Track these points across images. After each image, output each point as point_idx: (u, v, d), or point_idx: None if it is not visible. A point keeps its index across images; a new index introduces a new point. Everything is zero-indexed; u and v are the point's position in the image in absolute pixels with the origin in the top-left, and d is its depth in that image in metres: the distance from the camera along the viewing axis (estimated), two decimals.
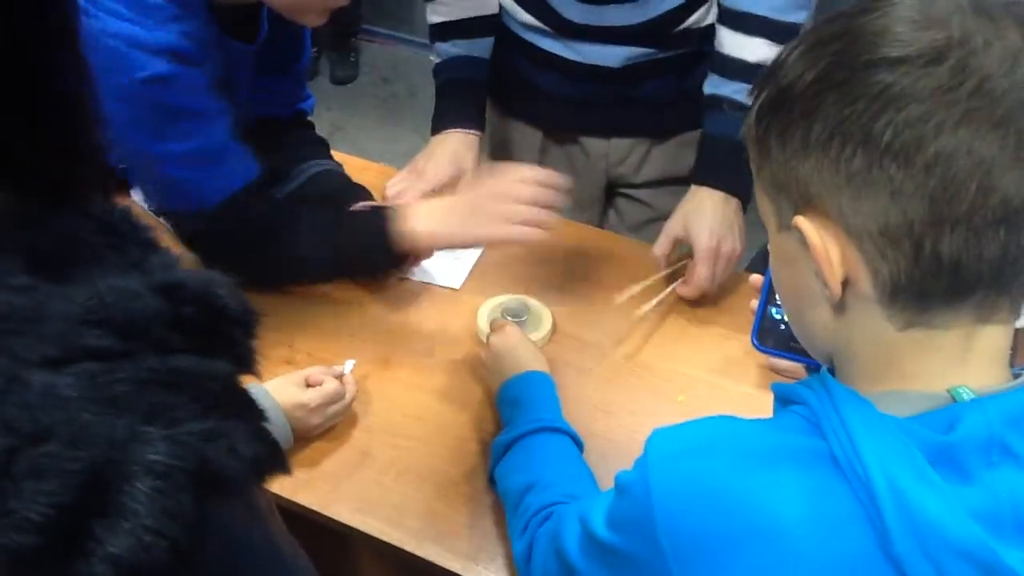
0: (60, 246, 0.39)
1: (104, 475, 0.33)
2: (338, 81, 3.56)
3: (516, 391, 1.05)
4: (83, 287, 0.37)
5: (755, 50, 1.23)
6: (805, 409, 0.59)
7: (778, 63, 0.58)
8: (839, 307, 0.57)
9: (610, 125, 1.44)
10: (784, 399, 0.63)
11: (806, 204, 0.56)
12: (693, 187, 1.27)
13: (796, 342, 0.73)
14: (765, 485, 0.55)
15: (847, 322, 0.58)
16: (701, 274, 1.24)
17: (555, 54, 1.36)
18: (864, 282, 0.55)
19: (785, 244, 0.60)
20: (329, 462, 1.08)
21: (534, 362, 1.08)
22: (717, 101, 1.27)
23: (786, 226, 0.58)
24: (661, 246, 1.27)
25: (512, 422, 1.01)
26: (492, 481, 1.01)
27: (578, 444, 1.00)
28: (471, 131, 1.35)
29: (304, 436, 1.07)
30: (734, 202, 1.25)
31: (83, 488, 0.32)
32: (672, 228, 1.26)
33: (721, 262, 1.24)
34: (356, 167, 1.48)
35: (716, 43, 1.26)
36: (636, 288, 1.22)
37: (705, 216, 1.23)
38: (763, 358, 1.19)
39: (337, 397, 1.08)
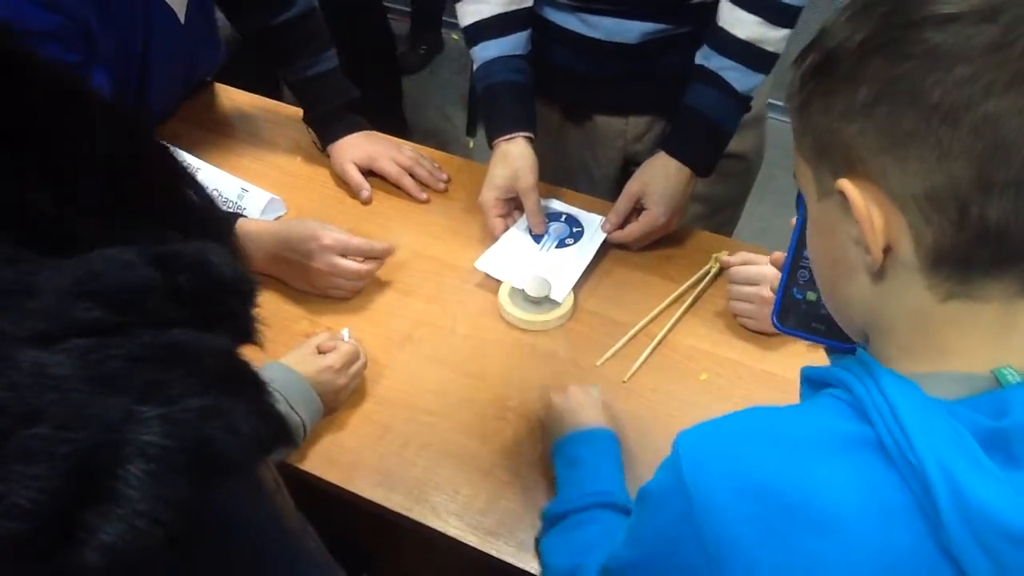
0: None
1: (96, 458, 0.31)
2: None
3: (574, 450, 0.98)
4: (74, 257, 0.36)
5: (746, 27, 1.22)
6: (844, 393, 0.56)
7: (823, 29, 0.56)
8: (878, 275, 0.56)
9: (627, 103, 1.43)
10: (817, 383, 0.60)
11: (849, 169, 0.54)
12: (659, 152, 1.30)
13: (818, 323, 0.71)
14: (813, 476, 0.53)
15: (886, 292, 0.56)
16: (633, 233, 1.30)
17: (572, 30, 1.34)
18: (906, 249, 0.53)
19: (824, 212, 0.58)
20: (350, 437, 1.08)
21: (594, 421, 1.01)
22: (703, 73, 1.27)
23: (826, 193, 0.57)
24: (622, 205, 1.31)
25: (566, 487, 0.95)
26: (536, 542, 0.96)
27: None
28: (528, 133, 1.33)
29: (333, 402, 1.08)
30: (688, 173, 1.29)
31: (74, 472, 0.31)
32: (632, 189, 1.30)
33: (657, 233, 1.31)
34: None
35: (716, 14, 1.25)
36: (613, 348, 1.19)
37: (664, 186, 1.28)
38: (784, 339, 1.18)
39: (355, 356, 1.09)
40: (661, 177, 1.28)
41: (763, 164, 1.56)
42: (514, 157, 1.31)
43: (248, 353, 0.42)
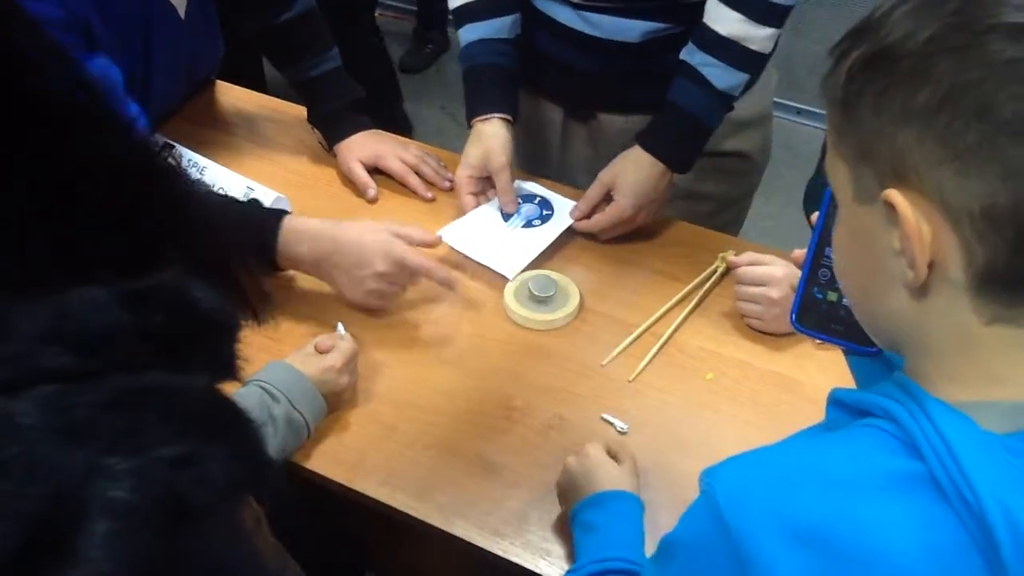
0: None
1: (59, 515, 0.30)
2: (405, 69, 3.52)
3: (589, 516, 0.92)
4: (44, 299, 0.34)
5: (727, 24, 1.22)
6: (890, 424, 0.53)
7: (875, 19, 0.52)
8: (919, 291, 0.52)
9: (629, 101, 1.43)
10: (855, 410, 0.57)
11: (897, 177, 0.51)
12: (636, 145, 1.30)
13: (837, 324, 0.69)
14: (865, 517, 0.50)
15: (927, 310, 0.53)
16: (599, 223, 1.30)
17: (574, 28, 1.34)
18: (955, 267, 0.50)
19: (862, 218, 0.54)
20: (355, 436, 1.08)
21: (612, 483, 0.94)
22: (684, 68, 1.27)
23: (867, 198, 0.53)
24: (592, 193, 1.31)
25: (581, 555, 0.90)
26: None
27: None
28: (505, 115, 1.34)
29: (336, 402, 1.08)
30: (661, 168, 1.28)
31: (36, 530, 0.29)
32: (603, 178, 1.30)
33: (623, 227, 1.30)
34: None
35: (704, 10, 1.25)
36: (619, 348, 1.19)
37: (633, 178, 1.28)
38: (792, 338, 1.18)
39: (355, 354, 1.10)
40: (632, 169, 1.28)
41: (769, 163, 1.56)
42: (488, 137, 1.33)
43: (253, 352, 0.41)
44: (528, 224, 1.33)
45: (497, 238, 1.31)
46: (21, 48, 0.37)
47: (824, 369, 1.15)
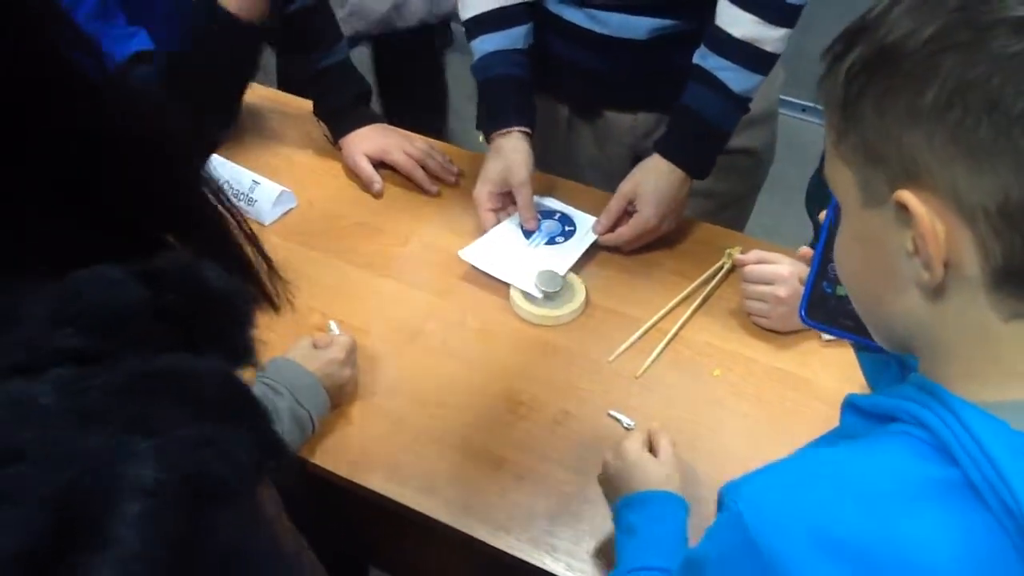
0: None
1: (85, 497, 0.29)
2: None
3: (627, 518, 0.89)
4: (54, 280, 0.34)
5: (743, 26, 1.21)
6: (919, 429, 0.52)
7: (872, 19, 0.52)
8: (935, 292, 0.52)
9: (636, 99, 1.43)
10: (876, 415, 0.55)
11: (908, 177, 0.50)
12: (654, 154, 1.29)
13: (847, 318, 0.69)
14: (901, 528, 0.49)
15: (942, 310, 0.52)
16: (624, 235, 1.29)
17: (581, 26, 1.34)
18: (970, 264, 0.50)
19: (870, 221, 0.54)
20: (360, 430, 1.08)
21: (652, 481, 0.91)
22: (699, 73, 1.26)
23: (876, 201, 0.53)
24: (613, 205, 1.30)
25: (622, 556, 0.87)
26: None
27: None
28: (524, 128, 1.33)
29: (339, 395, 1.07)
30: (681, 175, 1.28)
31: (62, 513, 0.29)
32: (624, 189, 1.29)
33: (647, 237, 1.30)
34: None
35: (715, 13, 1.24)
36: (625, 344, 1.18)
37: (654, 187, 1.27)
38: (798, 336, 1.18)
39: (354, 347, 1.09)
40: (653, 178, 1.27)
41: (774, 160, 1.55)
42: (508, 151, 1.31)
43: (256, 345, 0.40)
44: (551, 241, 1.32)
45: (520, 256, 1.29)
46: (28, 14, 0.37)
47: (829, 366, 1.15)
